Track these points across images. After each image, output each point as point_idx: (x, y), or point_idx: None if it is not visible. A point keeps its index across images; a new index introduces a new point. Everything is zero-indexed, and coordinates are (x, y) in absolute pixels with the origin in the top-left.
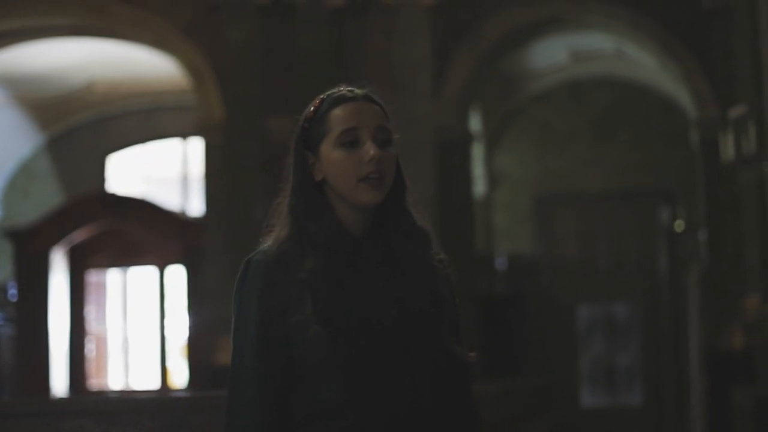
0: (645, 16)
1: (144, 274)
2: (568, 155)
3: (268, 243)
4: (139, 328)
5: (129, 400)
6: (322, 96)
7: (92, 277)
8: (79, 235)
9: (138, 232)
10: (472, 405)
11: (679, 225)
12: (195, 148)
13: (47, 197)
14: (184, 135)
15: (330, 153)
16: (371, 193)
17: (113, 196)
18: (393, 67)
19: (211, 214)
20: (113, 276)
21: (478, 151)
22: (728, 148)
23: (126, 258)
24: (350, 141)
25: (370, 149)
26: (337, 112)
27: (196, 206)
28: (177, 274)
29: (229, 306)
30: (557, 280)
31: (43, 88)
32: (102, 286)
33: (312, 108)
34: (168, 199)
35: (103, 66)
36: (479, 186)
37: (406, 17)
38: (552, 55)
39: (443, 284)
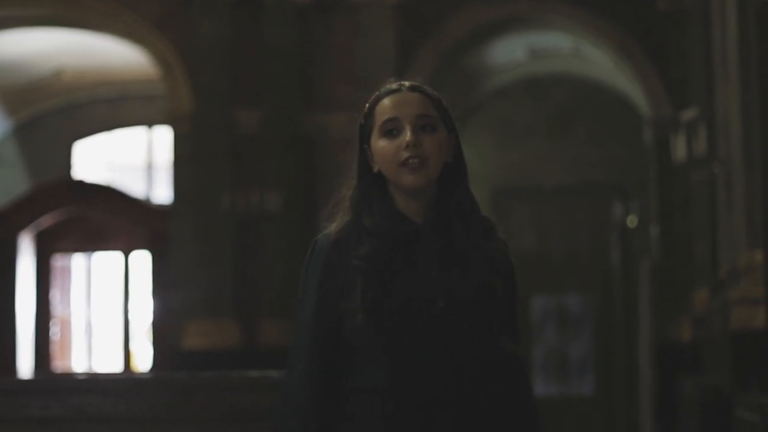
0: (602, 17)
1: (109, 260)
2: (526, 150)
3: (330, 228)
4: (103, 312)
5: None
6: (377, 92)
7: (58, 261)
8: (45, 221)
9: (103, 218)
10: (523, 398)
11: (632, 220)
12: (161, 136)
13: (14, 183)
14: (150, 124)
15: (376, 143)
16: (411, 176)
17: (80, 183)
18: (357, 63)
19: (178, 203)
20: (78, 261)
21: None
22: (680, 149)
23: (91, 243)
24: (390, 129)
25: (407, 135)
26: (382, 104)
27: (160, 194)
28: (142, 260)
29: (194, 292)
30: None
31: (11, 75)
32: (67, 271)
33: (367, 104)
34: (133, 186)
35: (71, 54)
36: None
37: (371, 14)
38: (511, 52)
39: (499, 276)
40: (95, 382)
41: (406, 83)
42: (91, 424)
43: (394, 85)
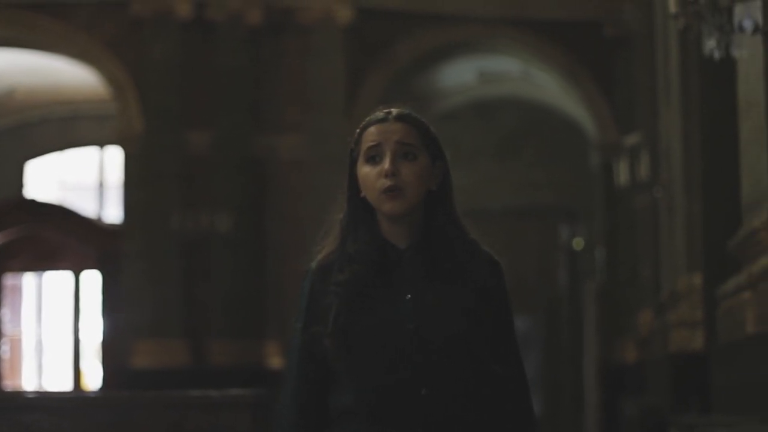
0: (550, 43)
1: (59, 279)
2: (474, 172)
3: (320, 254)
4: (53, 331)
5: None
6: (367, 118)
7: (8, 280)
8: None
9: (54, 237)
10: (519, 421)
11: (578, 243)
12: (112, 156)
13: None
14: (101, 143)
15: (360, 169)
16: (390, 203)
17: (31, 202)
18: (308, 85)
19: (128, 223)
20: (29, 280)
21: None
22: (623, 173)
23: (42, 262)
24: (373, 156)
25: (386, 163)
26: (368, 131)
27: (111, 213)
28: (92, 280)
29: (143, 312)
30: None
31: None
32: (18, 290)
33: (357, 130)
34: (84, 205)
35: (23, 74)
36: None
37: (322, 37)
38: (461, 75)
39: (482, 299)
40: (42, 400)
41: (394, 111)
42: None
43: (381, 113)
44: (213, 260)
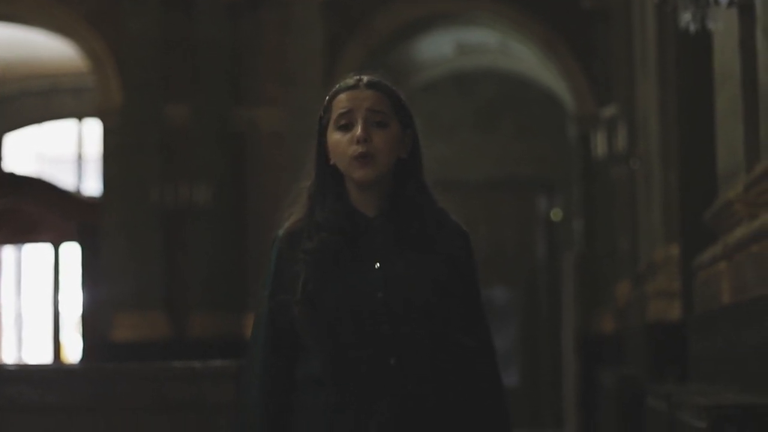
0: (528, 14)
1: (39, 252)
2: (453, 144)
3: (287, 222)
4: (33, 304)
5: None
6: (336, 86)
7: None
8: None
9: (34, 210)
10: (488, 391)
11: (556, 214)
12: (91, 129)
13: None
14: (80, 116)
15: (331, 136)
16: (361, 170)
17: (9, 175)
18: (287, 59)
19: (108, 196)
20: (8, 253)
21: None
22: (601, 145)
23: (21, 235)
24: (344, 124)
25: (357, 130)
26: (339, 98)
27: (90, 186)
28: (72, 252)
29: (123, 284)
30: None
31: None
32: None
33: (326, 98)
34: (63, 178)
35: (1, 47)
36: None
37: (300, 11)
38: (439, 48)
39: (452, 268)
40: (26, 372)
41: (365, 78)
42: (23, 413)
43: (352, 80)
44: (192, 233)
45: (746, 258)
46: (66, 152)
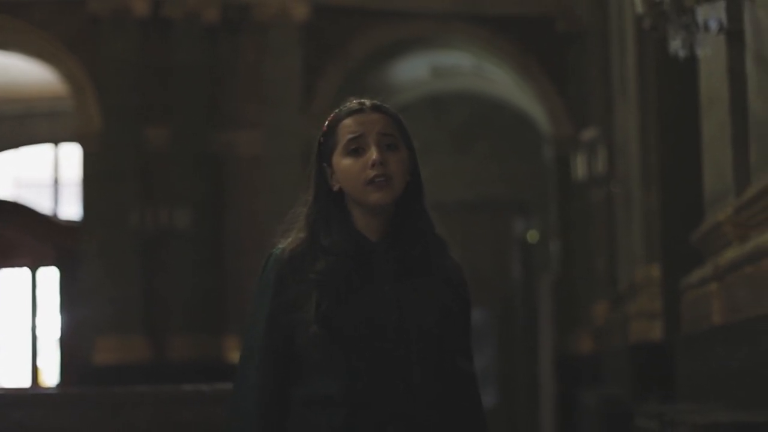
0: (502, 37)
1: (16, 276)
2: (428, 166)
3: (284, 243)
4: (10, 327)
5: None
6: (336, 110)
7: None
8: None
9: (11, 234)
10: (475, 413)
11: (533, 236)
12: (67, 153)
13: None
14: (56, 140)
15: (340, 161)
16: (378, 194)
17: None
18: (265, 82)
19: (87, 220)
20: None
21: None
22: (580, 167)
23: None
24: (355, 148)
25: (373, 153)
26: (344, 123)
27: (67, 210)
28: (50, 276)
29: (103, 308)
30: None
31: None
32: None
33: (326, 122)
34: (39, 203)
35: None
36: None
37: (278, 35)
38: (414, 71)
39: (453, 293)
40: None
41: (368, 102)
42: None
43: (355, 105)
44: (172, 256)
45: (739, 279)
46: (43, 176)
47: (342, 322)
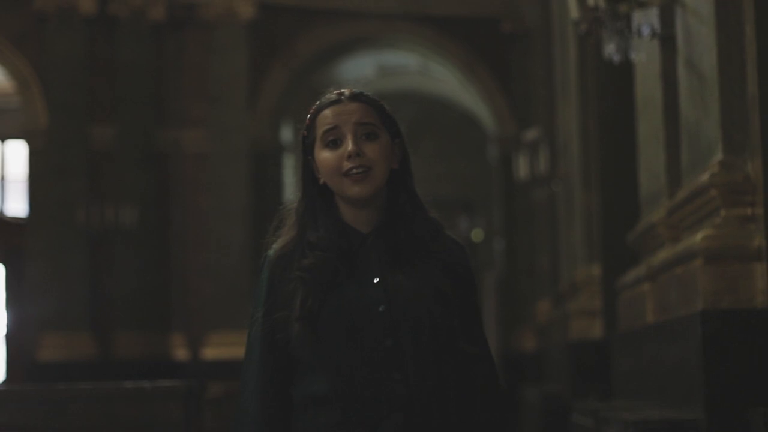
0: (448, 37)
1: None
2: None
3: (278, 243)
4: None
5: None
6: (317, 102)
7: None
8: None
9: None
10: (484, 395)
11: (477, 234)
12: (13, 150)
13: None
14: (2, 137)
15: (319, 154)
16: (356, 186)
17: None
18: (210, 80)
19: (34, 217)
20: None
21: (289, 161)
22: (522, 167)
23: None
24: (333, 140)
25: (348, 145)
26: (322, 115)
27: (13, 207)
28: None
29: (49, 305)
30: None
31: None
32: None
33: (308, 115)
34: None
35: None
36: (290, 194)
37: (224, 33)
38: (361, 69)
39: (450, 277)
40: None
41: (347, 92)
42: None
43: (333, 95)
44: (118, 253)
45: (670, 279)
46: None
47: (328, 317)
